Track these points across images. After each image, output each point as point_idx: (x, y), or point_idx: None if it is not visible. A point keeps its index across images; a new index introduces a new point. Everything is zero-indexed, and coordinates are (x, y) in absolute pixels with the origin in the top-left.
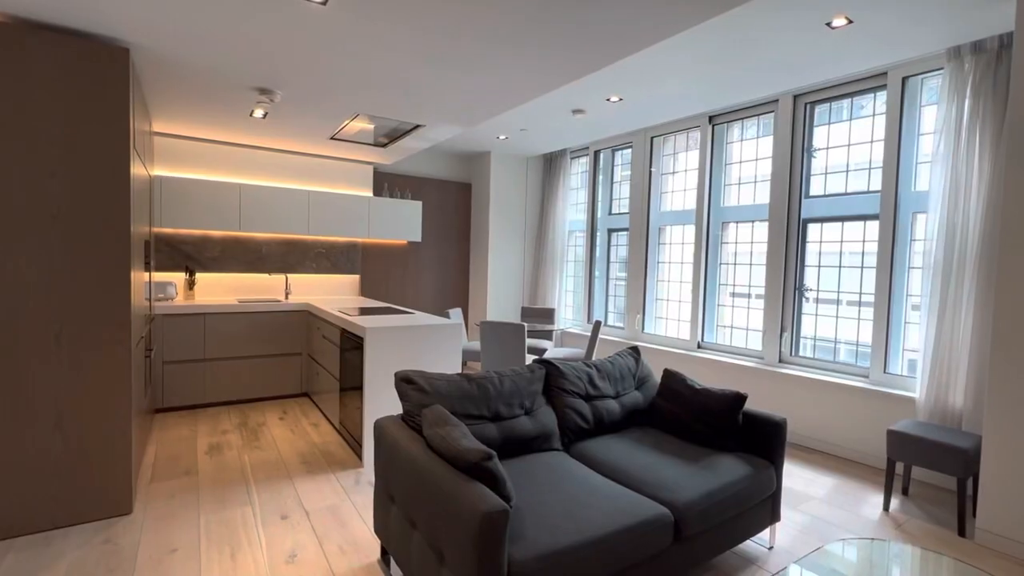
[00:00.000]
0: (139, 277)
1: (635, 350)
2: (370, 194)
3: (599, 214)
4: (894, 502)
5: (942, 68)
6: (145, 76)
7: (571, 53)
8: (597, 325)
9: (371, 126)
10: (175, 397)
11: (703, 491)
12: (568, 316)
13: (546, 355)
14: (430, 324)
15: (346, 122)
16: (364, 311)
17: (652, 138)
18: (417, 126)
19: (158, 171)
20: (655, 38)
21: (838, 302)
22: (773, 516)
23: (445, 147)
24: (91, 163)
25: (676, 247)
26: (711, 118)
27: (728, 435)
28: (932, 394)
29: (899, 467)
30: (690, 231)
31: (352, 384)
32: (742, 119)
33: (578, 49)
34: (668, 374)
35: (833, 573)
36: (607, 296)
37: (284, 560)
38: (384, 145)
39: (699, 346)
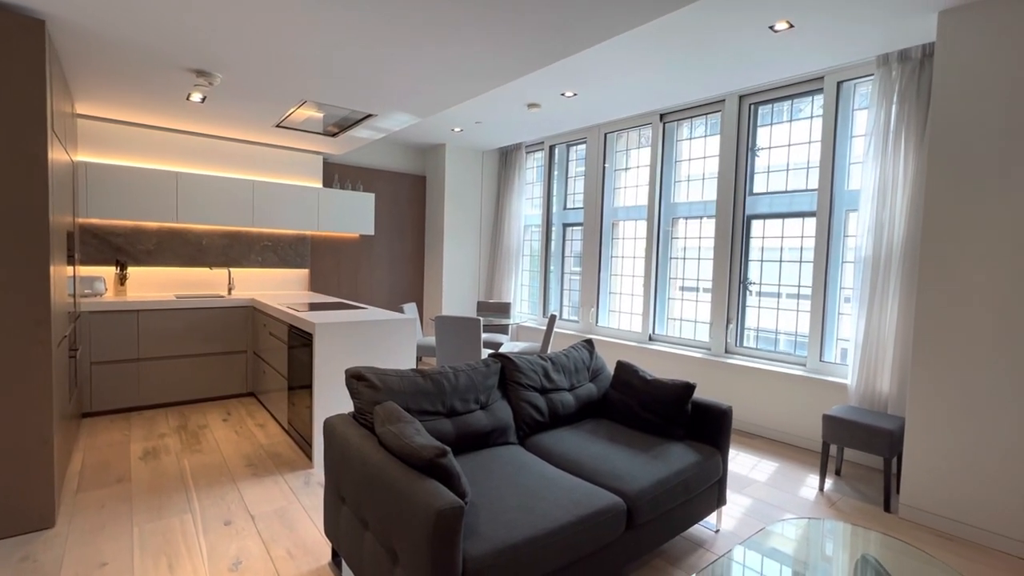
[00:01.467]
0: (61, 271)
1: (589, 343)
2: (319, 185)
3: (554, 209)
4: (829, 483)
5: (872, 74)
6: (65, 52)
7: (522, 48)
8: (552, 319)
9: (320, 114)
10: (105, 400)
11: (654, 479)
12: (524, 310)
13: (502, 349)
14: (383, 319)
15: (292, 109)
16: (314, 306)
17: (606, 134)
18: (368, 115)
19: (83, 156)
20: (604, 35)
21: (779, 295)
22: (719, 500)
23: (398, 138)
24: (1, 146)
25: (629, 242)
26: (662, 116)
27: (678, 424)
28: (862, 380)
29: (833, 449)
30: (642, 226)
31: (301, 382)
32: (691, 118)
33: (529, 44)
34: (621, 366)
35: (774, 552)
36: (562, 290)
37: (228, 568)
38: (334, 135)
39: (651, 338)
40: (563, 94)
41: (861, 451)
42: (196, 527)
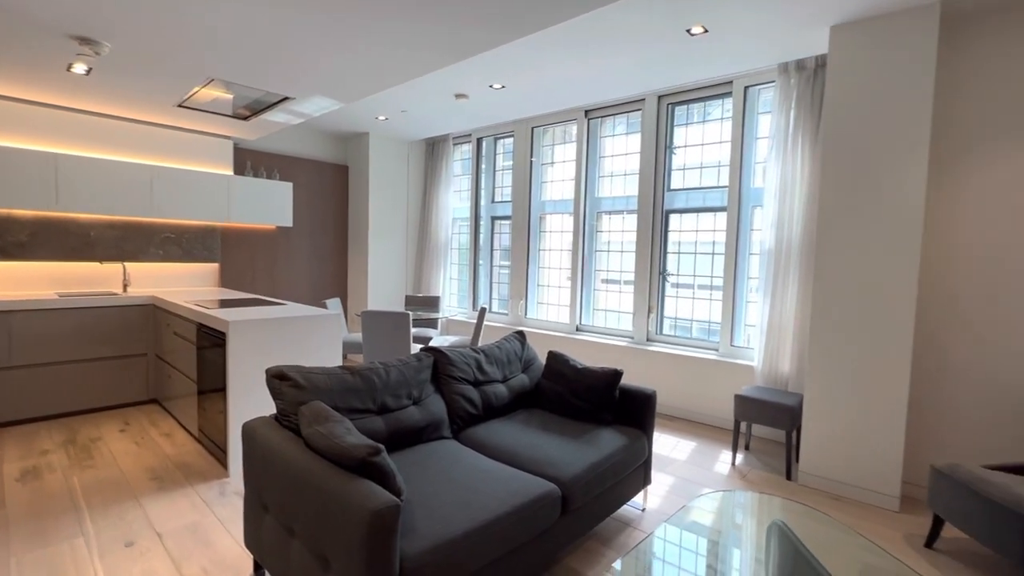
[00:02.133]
0: None
1: (520, 334)
2: (230, 172)
3: (483, 202)
4: (740, 457)
5: (774, 81)
6: None
7: (448, 36)
8: (482, 312)
9: (229, 95)
10: None
11: (587, 464)
12: (453, 304)
13: (432, 343)
14: (305, 316)
15: (197, 88)
16: (226, 303)
17: (533, 128)
18: (284, 99)
19: None
20: (528, 29)
21: (694, 286)
22: (645, 480)
23: (319, 124)
24: None
25: (556, 235)
26: (587, 112)
27: (607, 409)
28: (767, 362)
29: (743, 426)
30: (568, 220)
31: (213, 385)
32: (614, 115)
33: (454, 32)
34: (553, 356)
35: (695, 525)
36: (491, 283)
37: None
38: (246, 118)
39: (578, 329)
40: (491, 86)
41: (767, 426)
42: (90, 552)
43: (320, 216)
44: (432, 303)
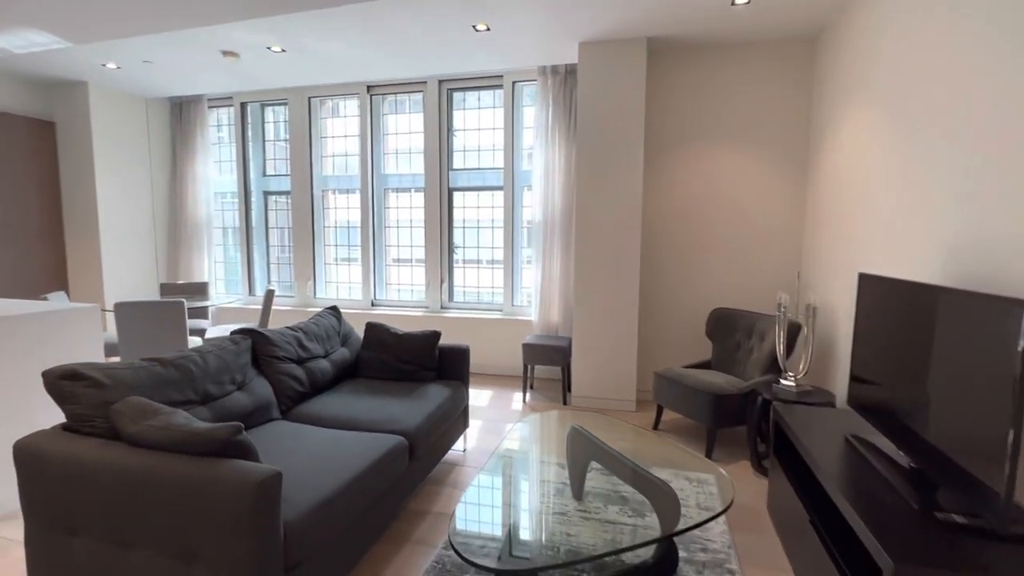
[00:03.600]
0: None
1: (335, 310)
2: None
3: (252, 175)
4: (528, 395)
5: (536, 80)
6: None
7: None
8: (270, 294)
9: None
10: None
11: (424, 415)
12: (220, 291)
13: (208, 335)
14: (51, 311)
15: None
16: None
17: (310, 99)
18: None
19: None
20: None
21: (479, 260)
22: (465, 424)
23: (7, 65)
24: None
25: (342, 212)
26: (369, 88)
27: (429, 367)
28: (542, 316)
29: (529, 371)
30: (355, 198)
31: None
32: (395, 94)
33: None
34: (371, 326)
35: (508, 451)
36: (268, 264)
37: None
38: None
39: (373, 304)
40: (270, 48)
41: (546, 366)
42: None
43: (16, 187)
44: (199, 290)
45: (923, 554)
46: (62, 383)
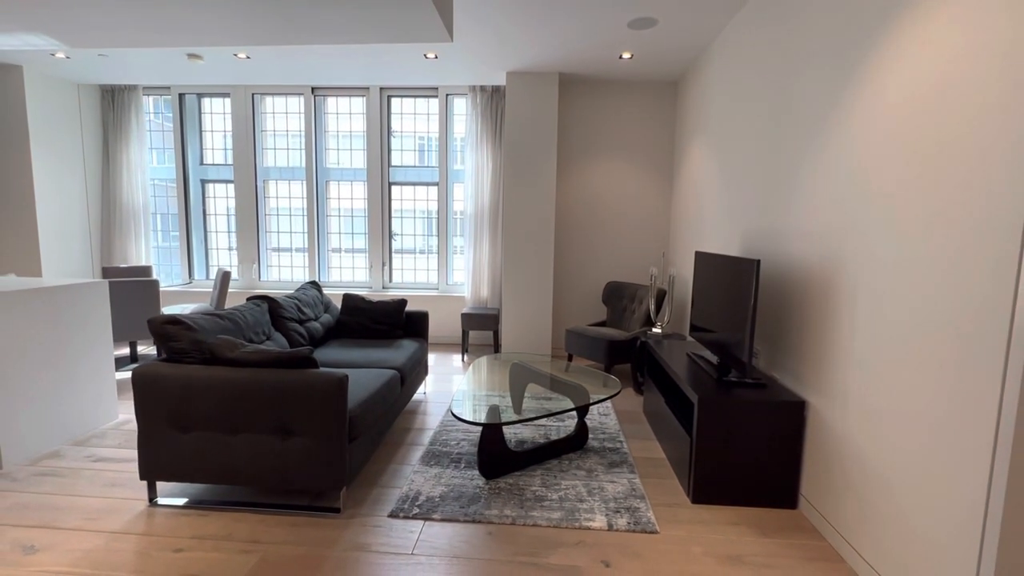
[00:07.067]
0: None
1: (315, 283)
2: None
3: (190, 163)
4: (466, 357)
5: (467, 95)
6: None
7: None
8: (227, 276)
9: None
10: None
11: (405, 357)
12: (160, 275)
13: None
14: (65, 285)
15: None
16: None
17: (254, 95)
18: None
19: None
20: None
21: (415, 248)
22: (426, 372)
23: None
24: None
25: (284, 200)
26: (314, 89)
27: (399, 327)
28: (474, 292)
29: (469, 336)
30: (297, 186)
31: None
32: (337, 96)
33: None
34: (348, 297)
35: (467, 383)
36: (207, 249)
37: (23, 553)
38: None
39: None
40: (235, 55)
41: (479, 331)
42: None
43: None
44: (143, 273)
45: (713, 393)
46: (167, 327)
